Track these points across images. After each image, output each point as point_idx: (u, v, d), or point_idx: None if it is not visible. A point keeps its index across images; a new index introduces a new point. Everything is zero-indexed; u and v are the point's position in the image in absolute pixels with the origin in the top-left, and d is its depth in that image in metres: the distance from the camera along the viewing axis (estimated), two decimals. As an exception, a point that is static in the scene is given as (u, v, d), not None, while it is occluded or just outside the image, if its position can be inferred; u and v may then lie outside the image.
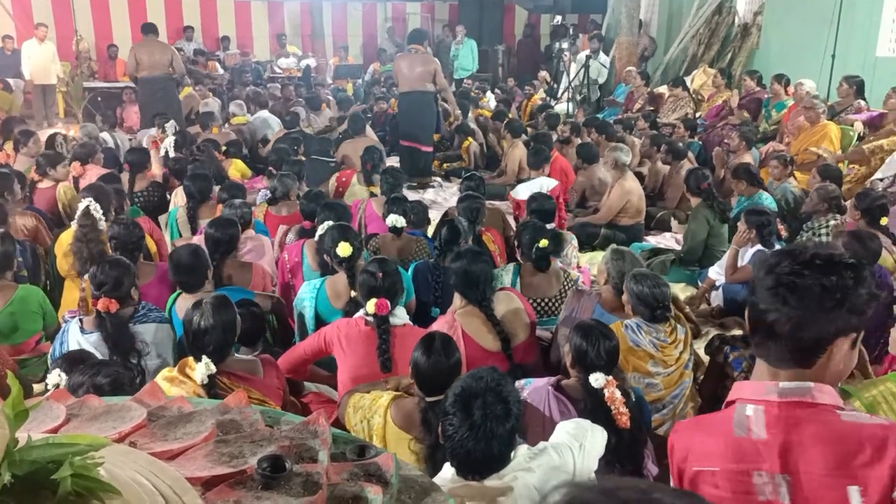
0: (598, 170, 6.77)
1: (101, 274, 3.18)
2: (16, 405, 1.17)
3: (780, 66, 10.01)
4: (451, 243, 4.11)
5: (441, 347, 2.52)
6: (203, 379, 2.63)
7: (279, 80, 13.02)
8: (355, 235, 3.80)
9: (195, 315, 2.78)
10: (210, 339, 2.75)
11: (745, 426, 1.40)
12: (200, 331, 2.76)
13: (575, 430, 2.19)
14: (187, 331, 2.80)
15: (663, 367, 3.21)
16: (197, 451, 1.55)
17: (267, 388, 2.84)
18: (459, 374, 2.50)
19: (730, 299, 4.77)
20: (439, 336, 2.61)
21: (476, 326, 3.33)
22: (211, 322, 2.76)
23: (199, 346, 2.75)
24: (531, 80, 13.95)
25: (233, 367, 2.83)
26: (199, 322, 2.76)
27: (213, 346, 2.75)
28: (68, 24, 13.09)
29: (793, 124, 7.73)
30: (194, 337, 2.77)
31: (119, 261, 3.32)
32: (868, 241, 4.00)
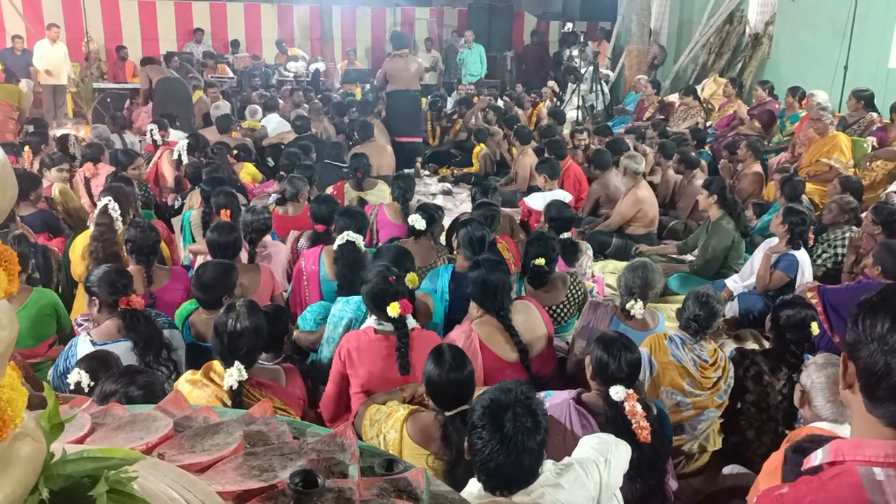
0: (612, 177, 6.73)
1: (119, 277, 3.19)
2: (52, 417, 1.14)
3: (791, 77, 9.99)
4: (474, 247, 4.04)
5: (452, 360, 2.48)
6: (233, 384, 2.61)
7: (287, 83, 13.02)
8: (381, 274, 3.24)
9: (229, 318, 2.75)
10: (243, 343, 2.73)
11: (880, 490, 1.26)
12: (235, 333, 2.73)
13: (599, 444, 2.15)
14: (220, 333, 2.76)
15: (699, 388, 3.17)
16: (226, 464, 1.52)
17: (289, 397, 2.81)
18: (474, 386, 2.47)
19: (745, 310, 4.73)
20: (448, 348, 2.56)
21: (493, 336, 3.29)
22: (246, 324, 2.74)
23: (231, 350, 2.72)
24: (539, 86, 13.95)
25: (257, 374, 2.81)
26: (235, 325, 2.74)
27: (245, 349, 2.73)
28: (78, 26, 13.11)
29: (804, 135, 7.69)
30: (229, 340, 2.73)
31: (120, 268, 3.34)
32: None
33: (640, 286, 3.49)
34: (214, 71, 13.14)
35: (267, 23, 15.89)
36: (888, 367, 1.21)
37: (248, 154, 7.12)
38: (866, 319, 1.25)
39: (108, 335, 3.12)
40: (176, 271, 4.00)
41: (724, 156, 7.88)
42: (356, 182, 6.23)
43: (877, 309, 1.24)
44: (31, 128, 8.03)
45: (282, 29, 15.86)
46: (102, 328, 3.16)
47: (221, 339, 2.75)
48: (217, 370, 2.74)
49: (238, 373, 2.64)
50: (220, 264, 3.56)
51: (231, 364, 2.67)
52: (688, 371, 3.19)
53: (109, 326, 3.15)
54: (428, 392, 2.52)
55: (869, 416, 1.28)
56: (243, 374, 2.66)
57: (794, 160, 7.49)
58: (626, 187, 6.19)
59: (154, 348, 3.08)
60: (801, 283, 4.54)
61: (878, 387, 1.24)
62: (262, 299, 3.75)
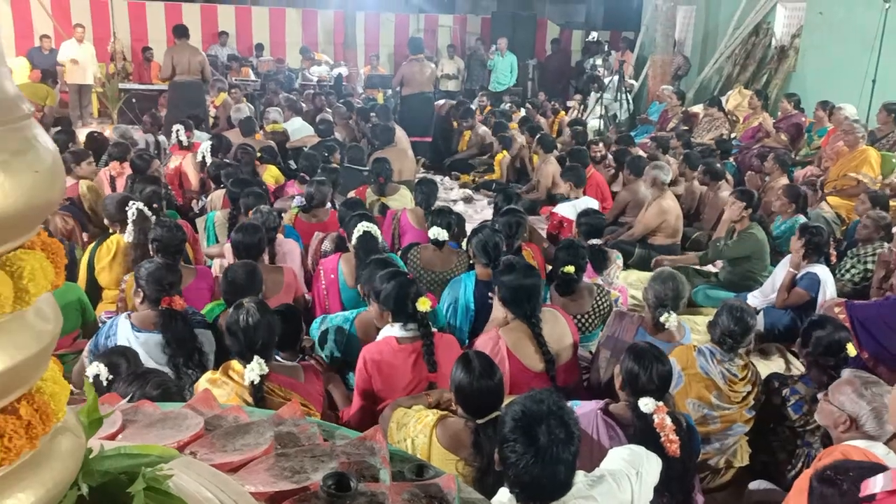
0: (643, 185, 6.70)
1: (168, 274, 3.23)
2: (91, 413, 1.13)
3: (818, 90, 9.89)
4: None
5: (481, 367, 2.45)
6: (254, 379, 2.61)
7: (310, 87, 13.08)
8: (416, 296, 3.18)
9: (240, 314, 2.77)
10: (258, 336, 2.74)
11: None
12: (249, 328, 2.74)
13: (630, 457, 2.12)
14: (234, 331, 2.77)
15: (727, 402, 3.12)
16: (258, 465, 1.51)
17: (308, 394, 2.81)
18: (503, 393, 2.44)
19: (771, 325, 4.67)
20: (476, 356, 2.53)
21: (521, 344, 3.25)
22: (258, 318, 2.75)
23: (248, 345, 2.73)
24: (560, 94, 13.92)
25: (276, 371, 2.81)
26: (247, 320, 2.75)
27: (261, 343, 2.74)
28: (106, 27, 13.27)
29: (831, 149, 7.60)
30: (244, 335, 2.74)
31: (170, 263, 3.39)
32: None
33: (672, 297, 3.43)
34: (238, 74, 13.23)
35: (291, 27, 15.99)
36: None
37: (272, 156, 7.14)
38: None
39: (146, 324, 3.17)
40: (201, 270, 4.02)
41: (755, 167, 7.80)
42: (378, 187, 6.22)
43: None
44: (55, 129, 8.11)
45: (306, 33, 15.95)
46: (142, 315, 3.22)
47: (237, 337, 2.77)
48: (236, 368, 2.74)
49: (259, 367, 2.65)
50: (246, 264, 3.57)
51: (250, 360, 2.68)
52: (715, 384, 3.14)
53: (149, 315, 3.20)
54: (457, 400, 2.49)
55: None
56: (264, 367, 2.66)
57: (820, 173, 7.40)
58: (652, 197, 6.14)
59: (186, 350, 3.10)
60: (824, 300, 4.47)
61: None
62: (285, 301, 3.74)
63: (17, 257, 0.86)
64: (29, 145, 0.86)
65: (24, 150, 0.84)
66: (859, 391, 2.52)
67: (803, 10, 11.25)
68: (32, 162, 0.85)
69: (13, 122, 0.86)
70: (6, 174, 0.81)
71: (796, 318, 4.59)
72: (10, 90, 0.88)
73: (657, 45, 12.39)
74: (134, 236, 4.11)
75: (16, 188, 0.82)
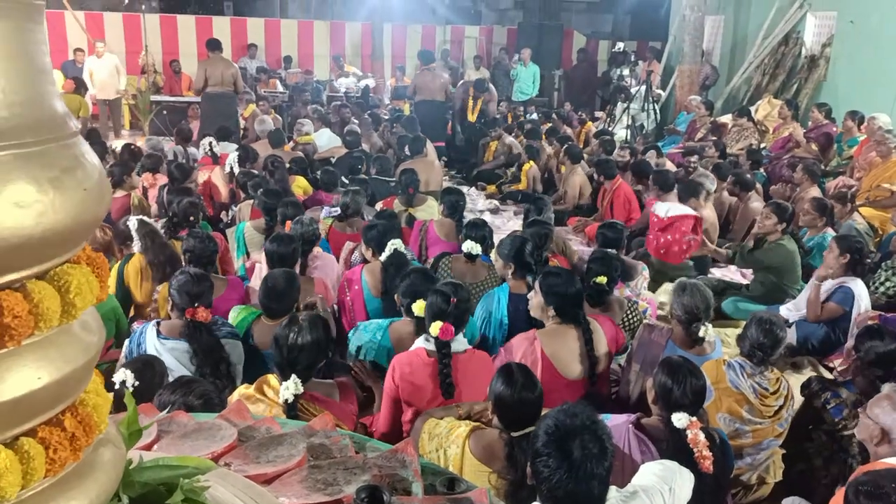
0: (672, 199, 6.63)
1: (195, 285, 3.24)
2: (131, 424, 1.15)
3: (849, 99, 9.76)
4: None
5: (523, 380, 2.44)
6: (289, 398, 2.61)
7: (337, 99, 13.17)
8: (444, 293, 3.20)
9: (291, 332, 2.76)
10: (303, 357, 2.74)
11: None
12: (296, 347, 2.74)
13: (663, 472, 2.09)
14: (280, 346, 2.77)
15: (759, 416, 3.08)
16: (291, 477, 1.52)
17: (342, 413, 2.80)
18: (542, 406, 2.42)
19: (804, 338, 4.60)
20: (518, 368, 2.53)
21: (558, 350, 3.26)
22: (308, 339, 2.75)
23: (290, 364, 2.73)
24: (587, 104, 13.89)
25: (312, 388, 2.80)
26: (296, 339, 2.74)
27: (303, 364, 2.73)
28: (138, 39, 13.50)
29: (864, 159, 7.49)
30: (288, 353, 2.74)
31: (204, 274, 3.40)
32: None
33: (704, 309, 3.39)
34: (266, 86, 13.38)
35: (319, 39, 16.14)
36: None
37: (301, 167, 7.20)
38: None
39: (174, 332, 3.22)
40: (232, 281, 4.05)
41: (785, 177, 7.70)
42: (406, 198, 6.23)
43: None
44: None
45: (334, 45, 16.10)
46: (171, 323, 3.28)
47: (281, 352, 2.76)
48: (272, 384, 2.73)
49: (294, 386, 2.64)
50: (286, 273, 3.58)
51: (288, 377, 2.67)
52: (746, 398, 3.10)
53: (177, 325, 3.25)
54: (495, 411, 2.48)
55: None
56: (299, 387, 2.65)
57: (853, 184, 7.28)
58: (691, 206, 6.05)
59: (212, 360, 3.12)
60: (858, 313, 4.38)
61: None
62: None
63: (65, 272, 0.88)
64: (78, 162, 0.88)
65: (73, 168, 0.86)
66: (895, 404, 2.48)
67: (834, 19, 11.12)
68: (82, 179, 0.86)
69: (64, 139, 0.87)
70: (56, 191, 0.83)
71: (830, 332, 4.52)
72: (60, 108, 0.90)
73: (685, 54, 12.32)
74: (141, 245, 4.14)
75: (65, 204, 0.84)
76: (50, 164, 0.85)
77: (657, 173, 7.09)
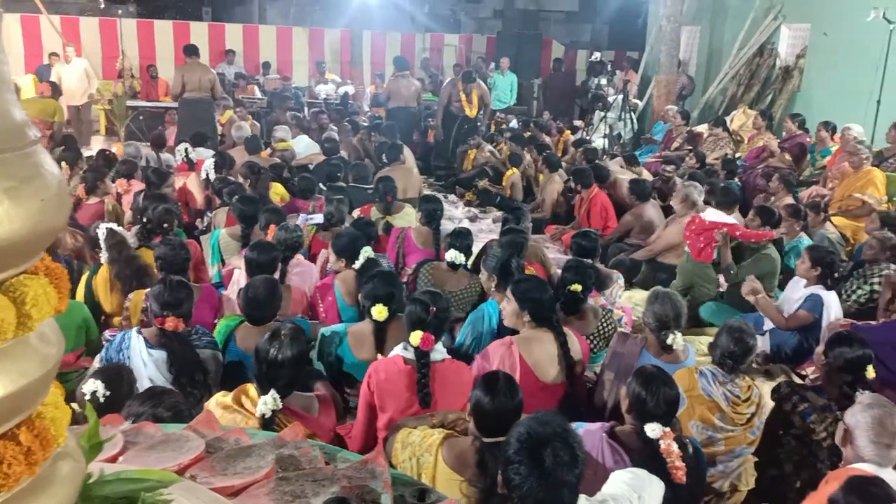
0: (649, 208, 6.67)
1: (167, 293, 3.19)
2: (91, 437, 1.13)
3: (822, 110, 9.90)
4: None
5: (505, 388, 2.44)
6: (266, 413, 2.58)
7: (316, 105, 13.14)
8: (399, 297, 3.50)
9: (272, 347, 2.71)
10: (284, 373, 2.69)
11: None
12: (276, 363, 2.69)
13: (632, 480, 2.10)
14: (260, 361, 2.72)
15: (731, 424, 3.10)
16: (259, 489, 1.51)
17: (319, 428, 2.76)
18: (521, 415, 2.42)
19: (777, 346, 4.65)
20: (503, 376, 2.52)
21: (535, 354, 3.28)
22: (288, 355, 2.70)
23: (270, 379, 2.68)
24: (565, 113, 13.97)
25: (291, 402, 2.75)
26: (276, 355, 2.69)
27: (284, 380, 2.69)
28: (114, 44, 13.39)
29: (837, 169, 7.60)
30: (268, 369, 2.69)
31: (183, 281, 3.35)
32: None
33: (674, 317, 3.43)
34: (245, 92, 13.31)
35: (298, 46, 16.11)
36: None
37: (279, 174, 7.17)
38: None
39: (156, 341, 3.19)
40: (205, 289, 4.01)
41: (759, 186, 7.80)
42: (384, 206, 6.22)
43: None
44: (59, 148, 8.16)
45: (313, 52, 16.07)
46: (151, 332, 3.24)
47: (261, 367, 2.72)
48: (251, 395, 2.69)
49: (273, 401, 2.60)
50: (267, 280, 3.55)
51: (267, 392, 2.63)
52: (718, 406, 3.12)
53: (154, 331, 3.22)
54: (473, 417, 2.47)
55: None
56: (278, 403, 2.61)
57: (826, 194, 7.39)
58: (679, 214, 6.08)
59: (189, 370, 3.08)
60: (828, 321, 4.44)
61: None
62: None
63: (21, 283, 0.86)
64: (36, 172, 0.86)
65: (31, 177, 0.85)
66: (865, 407, 2.51)
67: (808, 31, 11.29)
68: (39, 189, 0.85)
69: (21, 149, 0.86)
70: (12, 201, 0.81)
71: (802, 340, 4.57)
72: (18, 116, 0.89)
73: (661, 65, 12.44)
74: (108, 257, 4.09)
75: (21, 215, 0.82)
76: (7, 173, 0.83)
77: (634, 182, 7.14)
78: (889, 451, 2.38)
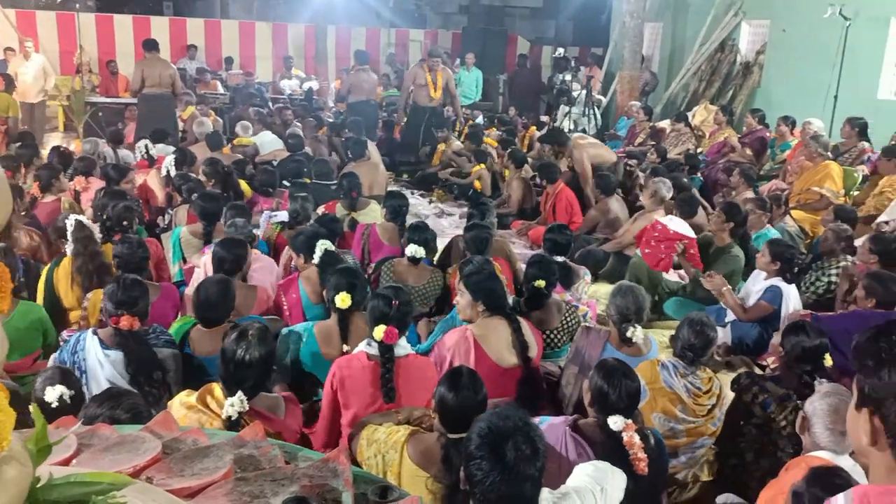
0: (613, 203, 6.71)
1: (121, 292, 3.12)
2: (39, 440, 1.10)
3: (782, 105, 10.09)
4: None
5: (469, 383, 2.44)
6: (232, 415, 2.54)
7: (280, 101, 13.01)
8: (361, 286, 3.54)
9: (239, 347, 2.66)
10: (251, 374, 2.65)
11: None
12: (244, 364, 2.64)
13: (595, 472, 2.12)
14: (227, 360, 2.67)
15: (692, 415, 3.15)
16: (216, 490, 1.48)
17: (285, 429, 2.72)
18: (485, 410, 2.42)
19: (738, 338, 4.72)
20: (466, 371, 2.53)
21: (492, 340, 3.31)
22: (256, 355, 2.65)
23: (236, 380, 2.64)
24: (530, 109, 14.02)
25: (257, 403, 2.71)
26: (244, 356, 2.64)
27: (251, 382, 2.65)
28: (72, 39, 13.11)
29: (796, 163, 7.74)
30: (235, 370, 2.65)
31: (138, 280, 3.27)
32: (891, 283, 3.97)
33: (635, 310, 3.47)
34: (207, 87, 13.13)
35: (261, 41, 15.93)
36: None
37: (241, 170, 7.08)
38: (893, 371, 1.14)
39: (111, 342, 3.11)
40: (165, 288, 3.95)
41: (721, 181, 7.92)
42: (349, 202, 6.17)
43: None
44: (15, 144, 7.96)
45: (276, 47, 15.91)
46: (107, 332, 3.16)
47: (227, 367, 2.67)
48: (216, 396, 2.64)
49: (239, 403, 2.56)
50: (221, 281, 3.48)
51: (233, 393, 2.59)
52: (680, 398, 3.17)
53: (110, 331, 3.14)
54: (438, 413, 2.47)
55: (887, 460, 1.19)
56: (244, 405, 2.57)
57: (785, 187, 7.52)
58: (647, 209, 6.10)
59: (146, 369, 3.02)
60: (787, 313, 4.52)
61: None
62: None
63: (-42, 283, 0.84)
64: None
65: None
66: (823, 395, 2.55)
67: (767, 28, 11.49)
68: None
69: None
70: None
71: (763, 332, 4.65)
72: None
73: (625, 61, 12.56)
74: (73, 249, 4.01)
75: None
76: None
77: (599, 177, 7.19)
78: (844, 438, 2.42)
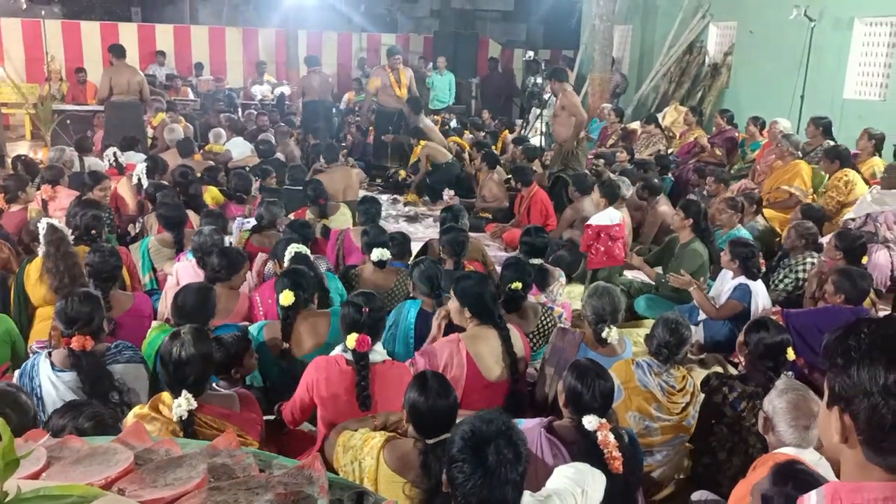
0: (587, 203, 6.76)
1: (70, 310, 3.03)
2: (6, 454, 1.08)
3: (750, 106, 10.23)
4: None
5: (437, 387, 2.44)
6: (182, 415, 2.52)
7: (252, 107, 12.93)
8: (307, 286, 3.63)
9: (174, 346, 2.66)
10: (190, 371, 2.64)
11: None
12: (181, 362, 2.63)
13: (575, 475, 2.13)
14: (165, 363, 2.67)
15: (667, 413, 3.17)
16: (190, 500, 1.47)
17: (245, 422, 2.72)
18: (457, 413, 2.43)
19: (710, 337, 4.77)
20: (432, 375, 2.54)
21: (482, 352, 3.31)
22: (192, 352, 2.65)
23: (178, 379, 2.63)
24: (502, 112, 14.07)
25: (209, 401, 2.72)
26: (180, 353, 2.64)
27: (192, 378, 2.64)
28: (39, 46, 12.92)
29: (765, 162, 7.85)
30: (174, 368, 2.64)
31: (89, 294, 3.18)
32: (859, 279, 4.04)
33: (611, 311, 3.50)
34: (177, 93, 13.00)
35: (232, 46, 15.83)
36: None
37: (213, 177, 7.02)
38: (862, 369, 1.15)
39: (64, 363, 3.01)
40: (138, 297, 3.90)
41: (692, 181, 8.01)
42: (318, 209, 6.13)
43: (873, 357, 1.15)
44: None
45: (247, 52, 15.81)
46: (59, 353, 3.06)
47: (167, 369, 2.66)
48: (166, 401, 2.64)
49: (186, 402, 2.56)
50: (200, 289, 3.46)
51: (179, 394, 2.58)
52: (655, 396, 3.20)
53: (63, 353, 3.04)
54: (410, 419, 2.47)
55: (867, 463, 1.20)
56: (192, 403, 2.57)
57: (754, 187, 7.62)
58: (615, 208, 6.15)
59: (101, 390, 2.92)
60: (757, 310, 4.58)
61: (885, 441, 1.16)
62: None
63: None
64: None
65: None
66: (781, 392, 2.58)
67: (734, 29, 11.65)
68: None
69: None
70: None
71: (733, 329, 4.70)
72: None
73: (596, 63, 12.63)
74: (45, 251, 3.96)
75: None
76: None
77: (575, 177, 7.24)
78: (807, 432, 2.46)
